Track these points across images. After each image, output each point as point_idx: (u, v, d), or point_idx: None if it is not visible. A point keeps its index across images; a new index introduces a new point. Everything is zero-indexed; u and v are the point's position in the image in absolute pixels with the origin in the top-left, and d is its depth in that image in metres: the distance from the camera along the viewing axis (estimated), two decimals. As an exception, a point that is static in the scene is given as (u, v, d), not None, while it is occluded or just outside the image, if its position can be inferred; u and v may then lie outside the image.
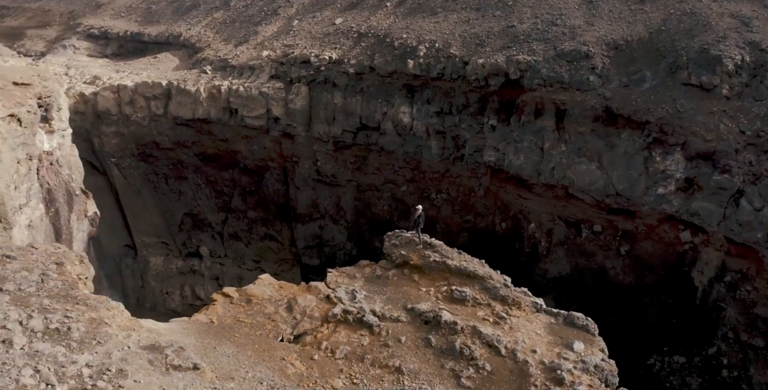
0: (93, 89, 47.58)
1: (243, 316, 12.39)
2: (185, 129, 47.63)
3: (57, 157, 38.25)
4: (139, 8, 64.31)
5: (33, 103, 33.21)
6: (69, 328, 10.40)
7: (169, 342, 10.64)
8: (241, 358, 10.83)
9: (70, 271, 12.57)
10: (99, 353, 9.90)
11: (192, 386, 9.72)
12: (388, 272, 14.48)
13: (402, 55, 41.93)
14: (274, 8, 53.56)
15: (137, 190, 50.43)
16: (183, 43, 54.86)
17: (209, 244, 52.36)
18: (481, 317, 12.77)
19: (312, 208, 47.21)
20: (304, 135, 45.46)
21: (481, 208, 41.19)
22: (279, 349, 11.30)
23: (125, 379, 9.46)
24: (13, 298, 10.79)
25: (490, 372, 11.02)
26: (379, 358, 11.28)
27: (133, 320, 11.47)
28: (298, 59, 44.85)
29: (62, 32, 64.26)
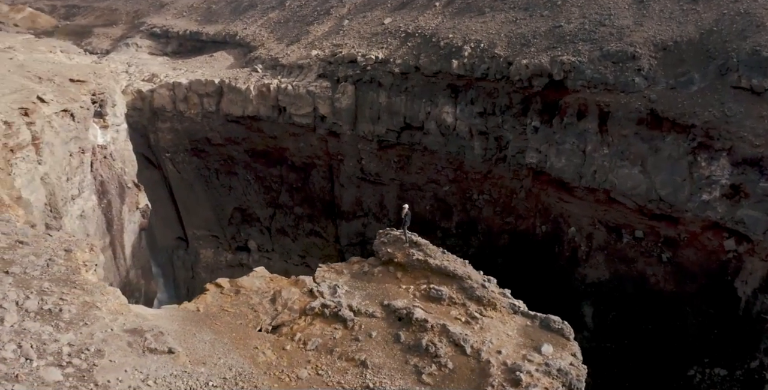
0: (150, 86, 49.44)
1: (228, 305, 12.90)
2: (236, 126, 48.91)
3: (111, 151, 39.96)
4: (200, 8, 66.27)
5: (87, 99, 34.86)
6: (61, 310, 11.14)
7: (151, 327, 11.24)
8: (217, 345, 11.34)
9: (78, 257, 13.37)
10: (83, 334, 10.56)
11: (163, 368, 10.25)
12: (374, 269, 14.76)
13: (447, 55, 41.86)
14: (327, 8, 54.26)
15: (190, 185, 52.12)
16: (238, 42, 56.24)
17: (257, 239, 53.64)
18: (454, 316, 12.89)
19: (356, 205, 47.73)
20: (350, 134, 45.99)
21: (522, 210, 40.76)
22: (255, 339, 11.76)
23: (101, 359, 10.07)
24: (16, 281, 11.63)
25: (451, 370, 11.13)
26: (347, 351, 11.59)
27: (124, 305, 12.13)
28: (346, 59, 45.34)
29: (127, 31, 66.92)
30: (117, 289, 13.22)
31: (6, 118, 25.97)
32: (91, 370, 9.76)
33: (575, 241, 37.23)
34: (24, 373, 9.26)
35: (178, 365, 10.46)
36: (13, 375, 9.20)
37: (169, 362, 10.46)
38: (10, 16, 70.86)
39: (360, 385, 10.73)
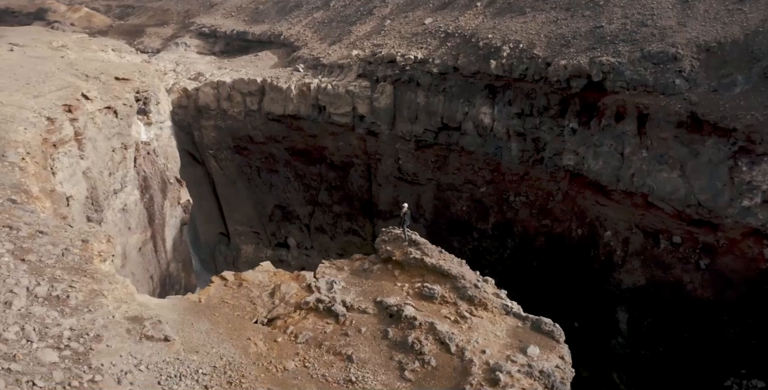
0: (195, 85, 50.70)
1: (229, 297, 13.24)
2: (277, 124, 49.72)
3: (154, 147, 41.21)
4: (248, 8, 67.56)
5: (130, 97, 36.06)
6: (68, 296, 11.66)
7: (151, 315, 11.66)
8: (212, 334, 11.67)
9: (93, 248, 13.95)
10: (85, 319, 11.05)
11: (157, 355, 10.62)
12: (374, 266, 14.91)
13: (486, 55, 41.65)
14: (370, 8, 54.62)
15: (232, 182, 53.24)
16: (283, 42, 57.13)
17: (297, 236, 54.40)
18: (443, 315, 12.91)
19: (393, 205, 47.88)
20: (388, 133, 46.21)
21: (559, 213, 40.23)
22: (249, 330, 12.04)
23: (98, 344, 10.51)
24: (31, 268, 12.24)
25: (434, 367, 11.17)
26: (335, 345, 11.77)
27: (130, 294, 12.59)
28: (385, 58, 45.58)
29: (177, 30, 68.71)
30: (126, 279, 13.76)
31: (49, 115, 27.11)
32: (87, 354, 10.24)
33: (611, 246, 36.54)
34: (22, 354, 9.78)
35: (171, 352, 10.86)
36: (11, 355, 9.74)
37: (164, 349, 10.87)
38: (67, 16, 73.67)
39: (343, 379, 10.91)
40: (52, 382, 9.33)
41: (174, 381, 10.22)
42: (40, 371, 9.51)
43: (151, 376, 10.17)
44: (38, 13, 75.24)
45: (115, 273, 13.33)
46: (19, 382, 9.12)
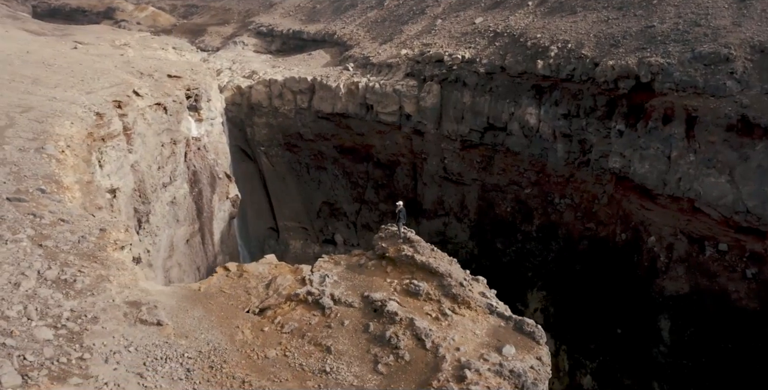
0: (249, 83, 52.02)
1: (227, 287, 13.67)
2: (326, 122, 50.49)
3: (204, 143, 42.49)
4: (306, 7, 68.84)
5: (180, 94, 37.35)
6: (75, 280, 12.34)
7: (150, 301, 12.22)
8: (203, 321, 12.13)
9: (110, 236, 14.69)
10: (86, 302, 11.69)
11: (148, 338, 11.14)
12: (369, 262, 15.09)
13: (533, 55, 41.22)
14: (423, 8, 54.82)
15: (282, 178, 54.37)
16: (336, 41, 57.95)
17: (344, 233, 55.10)
18: (425, 311, 12.96)
19: (437, 204, 47.96)
20: (434, 132, 46.28)
21: (604, 216, 39.41)
22: (240, 319, 12.42)
23: (94, 325, 11.10)
24: (46, 253, 13.02)
25: (407, 362, 11.25)
26: (317, 336, 12.01)
27: (135, 280, 13.21)
28: (433, 58, 45.66)
29: (237, 29, 70.64)
30: (135, 266, 14.43)
31: (99, 110, 28.42)
32: (81, 334, 10.88)
33: (655, 251, 35.56)
34: (19, 330, 10.49)
35: (162, 336, 11.41)
36: (8, 331, 10.46)
37: (155, 333, 11.42)
38: (134, 15, 76.81)
39: (318, 369, 11.19)
40: (42, 357, 9.99)
41: (159, 363, 10.75)
42: (32, 347, 10.19)
43: (138, 357, 10.73)
44: (107, 12, 78.75)
45: (125, 260, 14.03)
46: (11, 355, 9.81)
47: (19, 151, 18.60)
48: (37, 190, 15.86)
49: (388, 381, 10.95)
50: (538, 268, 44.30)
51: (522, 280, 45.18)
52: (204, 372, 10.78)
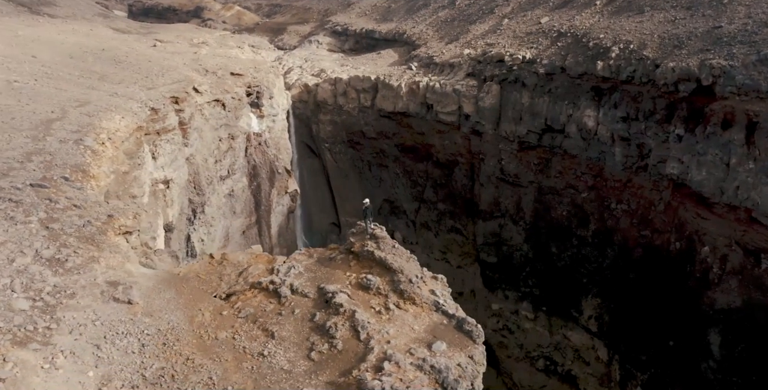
0: (316, 81, 53.50)
1: (204, 273, 14.44)
2: (387, 121, 51.21)
3: (265, 138, 44.22)
4: (382, 7, 69.78)
5: (240, 91, 39.07)
6: (67, 260, 13.51)
7: (128, 281, 13.20)
8: (171, 303, 12.96)
9: (116, 222, 15.89)
10: (70, 279, 12.78)
11: (115, 314, 12.07)
12: (338, 256, 15.45)
13: (594, 56, 40.27)
14: (492, 7, 54.54)
15: (345, 174, 55.57)
16: (405, 40, 58.52)
17: (403, 231, 55.66)
18: (371, 305, 13.18)
19: (493, 206, 47.68)
20: (492, 133, 46.04)
21: (659, 224, 38.06)
22: (205, 302, 13.14)
23: (71, 300, 12.15)
24: (50, 234, 14.33)
25: (339, 351, 11.56)
26: (267, 322, 12.53)
27: (122, 263, 14.27)
28: (494, 58, 45.41)
29: (314, 28, 72.55)
30: (131, 250, 15.59)
31: (154, 105, 30.34)
32: (55, 307, 11.99)
33: (707, 262, 34.06)
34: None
35: (129, 314, 12.36)
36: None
37: (124, 310, 12.39)
38: (221, 14, 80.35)
39: (258, 352, 11.79)
40: (10, 324, 11.15)
41: (119, 337, 11.72)
42: (6, 315, 11.38)
43: (101, 330, 11.73)
44: (196, 11, 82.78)
45: (121, 244, 15.18)
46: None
47: (59, 142, 20.35)
48: (61, 178, 17.38)
49: (317, 368, 11.45)
50: (593, 274, 43.31)
51: (577, 286, 44.32)
52: (156, 348, 11.68)
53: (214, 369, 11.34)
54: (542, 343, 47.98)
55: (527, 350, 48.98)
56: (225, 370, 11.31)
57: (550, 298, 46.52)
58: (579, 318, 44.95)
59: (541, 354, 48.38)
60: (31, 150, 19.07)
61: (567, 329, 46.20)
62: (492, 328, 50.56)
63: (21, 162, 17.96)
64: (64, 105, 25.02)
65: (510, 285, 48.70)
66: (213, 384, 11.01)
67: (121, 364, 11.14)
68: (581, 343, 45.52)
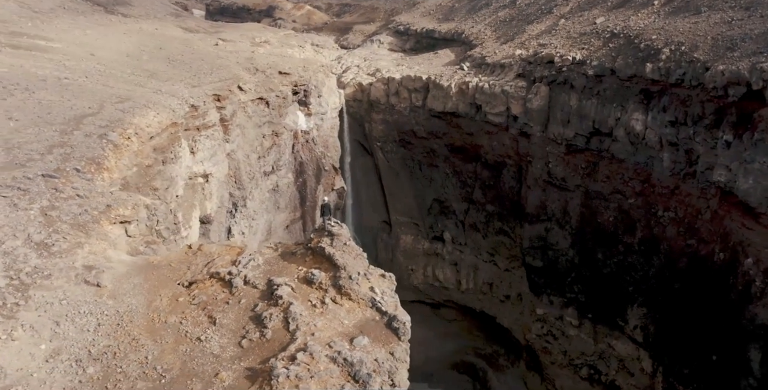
0: (370, 80, 54.31)
1: (176, 262, 15.22)
2: (438, 121, 51.40)
3: (313, 136, 45.38)
4: (446, 6, 69.82)
5: (285, 90, 40.28)
6: (53, 244, 14.69)
7: (103, 266, 14.18)
8: (137, 288, 13.80)
9: (113, 212, 17.07)
10: (51, 262, 13.86)
11: (82, 296, 13.00)
12: (299, 251, 15.83)
13: (645, 57, 39.11)
14: (550, 7, 53.67)
15: (396, 173, 56.14)
16: (463, 40, 58.42)
17: (452, 231, 55.75)
18: (308, 298, 13.49)
19: (540, 209, 47.06)
20: (540, 135, 45.46)
21: (706, 233, 36.62)
22: (167, 289, 13.91)
23: (46, 280, 12.87)
24: (45, 220, 15.56)
25: (267, 340, 11.96)
26: (214, 310, 13.14)
27: (106, 250, 15.31)
28: (544, 59, 44.80)
29: (379, 28, 73.37)
30: (120, 238, 16.70)
31: (194, 102, 31.86)
32: (29, 286, 13.09)
33: (750, 275, 32.53)
34: (-23, 278, 13.03)
35: (95, 296, 13.36)
36: (-35, 277, 13.01)
37: (90, 292, 13.40)
38: (291, 13, 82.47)
39: (197, 337, 12.48)
40: (-20, 299, 12.45)
41: (80, 316, 12.73)
42: (-19, 292, 12.68)
43: (65, 309, 12.79)
44: (268, 10, 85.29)
45: (110, 232, 16.33)
46: (-44, 294, 12.35)
47: (85, 136, 21.90)
48: (73, 170, 18.79)
49: (243, 354, 12.06)
50: (639, 283, 42.13)
51: (622, 294, 43.25)
52: (110, 328, 12.63)
53: (153, 350, 12.18)
54: (586, 350, 47.01)
55: (571, 357, 48.10)
56: (162, 351, 12.13)
57: (596, 306, 45.52)
58: (624, 327, 43.82)
59: (585, 362, 47.42)
60: (55, 143, 20.68)
61: (612, 338, 45.11)
62: (536, 333, 49.95)
63: (42, 154, 19.54)
64: (104, 101, 26.74)
65: (555, 290, 47.96)
66: (146, 362, 11.85)
67: (73, 340, 12.16)
68: (626, 353, 44.36)
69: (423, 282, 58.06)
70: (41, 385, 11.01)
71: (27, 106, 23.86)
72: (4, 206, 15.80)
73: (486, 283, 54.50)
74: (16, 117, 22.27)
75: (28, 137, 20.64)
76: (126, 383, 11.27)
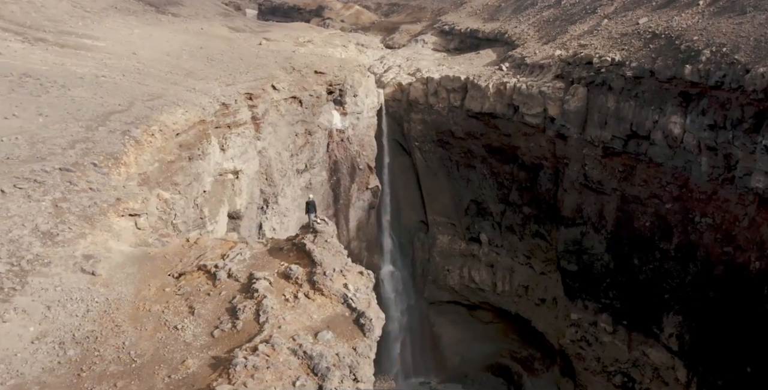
0: (410, 80, 54.44)
1: (171, 254, 15.77)
2: (475, 121, 51.17)
3: (348, 135, 45.91)
4: (492, 6, 69.24)
5: (318, 89, 40.89)
6: (59, 234, 15.48)
7: (101, 256, 14.87)
8: (130, 277, 14.38)
9: (123, 205, 17.79)
10: (53, 251, 14.59)
11: (77, 283, 13.65)
12: (286, 247, 16.12)
13: (685, 59, 38.10)
14: (595, 7, 52.74)
15: (434, 173, 56.14)
16: (506, 41, 57.89)
17: (489, 233, 55.46)
18: (282, 293, 13.73)
19: (576, 212, 46.35)
20: (577, 137, 44.76)
21: (742, 240, 35.52)
22: (157, 279, 14.45)
23: (45, 268, 13.67)
24: (56, 212, 16.37)
25: (237, 331, 12.31)
26: (195, 300, 13.57)
27: (108, 241, 16.00)
28: (583, 60, 44.08)
29: (425, 28, 73.26)
30: (124, 230, 17.38)
31: (225, 101, 32.81)
32: (29, 272, 13.87)
33: (785, 285, 31.41)
34: (-20, 260, 13.88)
35: (89, 284, 14.03)
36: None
37: (84, 279, 14.09)
38: (340, 13, 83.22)
39: (174, 325, 12.94)
40: (-20, 283, 13.28)
41: (71, 302, 13.43)
42: (-17, 276, 13.53)
43: (58, 295, 13.52)
44: (317, 10, 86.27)
45: (114, 224, 17.06)
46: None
47: (109, 132, 22.91)
48: (90, 164, 19.73)
49: (213, 343, 12.48)
50: (675, 290, 41.11)
51: (658, 301, 42.30)
52: (97, 314, 13.30)
53: (132, 336, 12.80)
54: (620, 358, 46.11)
55: (604, 364, 47.23)
56: (139, 338, 12.74)
57: (631, 312, 44.59)
58: (660, 335, 42.83)
59: (619, 369, 46.50)
60: (78, 138, 21.72)
61: (647, 346, 44.14)
62: (570, 339, 49.22)
63: (63, 148, 20.58)
64: (135, 99, 27.87)
65: (590, 295, 47.18)
66: (123, 347, 12.47)
67: (61, 324, 12.90)
68: (661, 361, 43.34)
69: (459, 283, 57.92)
70: (23, 365, 11.76)
71: (60, 102, 25.12)
72: (18, 197, 16.79)
73: (522, 286, 53.98)
74: (46, 113, 23.48)
75: (53, 132, 21.77)
76: (100, 366, 11.91)
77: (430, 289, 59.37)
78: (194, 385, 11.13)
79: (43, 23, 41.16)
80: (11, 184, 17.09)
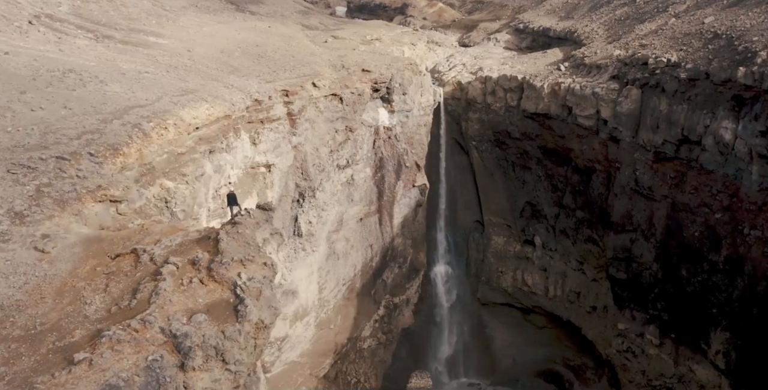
0: (469, 79, 54.24)
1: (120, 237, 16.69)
2: (531, 121, 50.33)
3: (396, 133, 46.56)
4: (570, 4, 67.38)
5: (361, 87, 41.77)
6: (29, 215, 17.10)
7: (57, 236, 16.27)
8: (74, 256, 15.24)
9: (102, 192, 19.48)
10: (16, 229, 15.94)
11: (26, 258, 14.70)
12: (213, 236, 16.79)
13: (740, 60, 35.99)
14: (666, 5, 50.43)
15: (490, 173, 55.70)
16: (574, 40, 56.34)
17: (543, 235, 54.43)
18: (182, 276, 14.44)
19: (626, 218, 44.72)
20: (629, 141, 43.20)
21: (789, 256, 33.21)
22: (96, 259, 14.99)
23: (3, 243, 15.61)
24: (36, 194, 17.78)
25: (130, 309, 13.12)
26: (113, 279, 14.26)
27: (71, 224, 17.56)
28: (639, 60, 42.42)
29: (502, 26, 72.29)
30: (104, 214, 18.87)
31: (259, 97, 34.38)
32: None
33: (821, 306, 29.15)
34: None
35: (36, 259, 15.34)
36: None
37: (34, 256, 15.34)
38: (424, 11, 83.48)
39: (85, 301, 14.16)
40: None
41: (15, 275, 14.55)
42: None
43: (5, 268, 14.69)
44: (402, 7, 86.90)
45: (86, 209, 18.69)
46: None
47: (121, 125, 24.81)
48: (87, 154, 21.63)
49: (106, 318, 13.39)
50: (723, 305, 39.01)
51: (706, 315, 40.29)
52: (31, 286, 14.73)
53: (47, 307, 14.19)
54: (666, 372, 44.17)
55: (649, 378, 45.39)
56: (52, 309, 14.14)
57: (679, 325, 42.61)
58: (707, 351, 40.73)
59: (664, 384, 44.57)
60: (89, 129, 23.71)
61: (693, 362, 42.09)
62: (617, 349, 47.62)
63: (71, 139, 22.58)
64: (165, 94, 29.71)
65: (638, 305, 45.43)
66: (35, 316, 13.94)
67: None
68: (707, 379, 41.24)
69: (512, 285, 57.24)
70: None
71: (90, 96, 27.36)
72: (8, 181, 18.81)
73: (573, 292, 52.64)
74: (71, 106, 25.70)
75: (69, 124, 23.85)
76: (8, 330, 13.43)
77: (483, 289, 59.02)
78: (68, 351, 12.42)
79: (117, 21, 44.27)
80: (5, 170, 19.14)
